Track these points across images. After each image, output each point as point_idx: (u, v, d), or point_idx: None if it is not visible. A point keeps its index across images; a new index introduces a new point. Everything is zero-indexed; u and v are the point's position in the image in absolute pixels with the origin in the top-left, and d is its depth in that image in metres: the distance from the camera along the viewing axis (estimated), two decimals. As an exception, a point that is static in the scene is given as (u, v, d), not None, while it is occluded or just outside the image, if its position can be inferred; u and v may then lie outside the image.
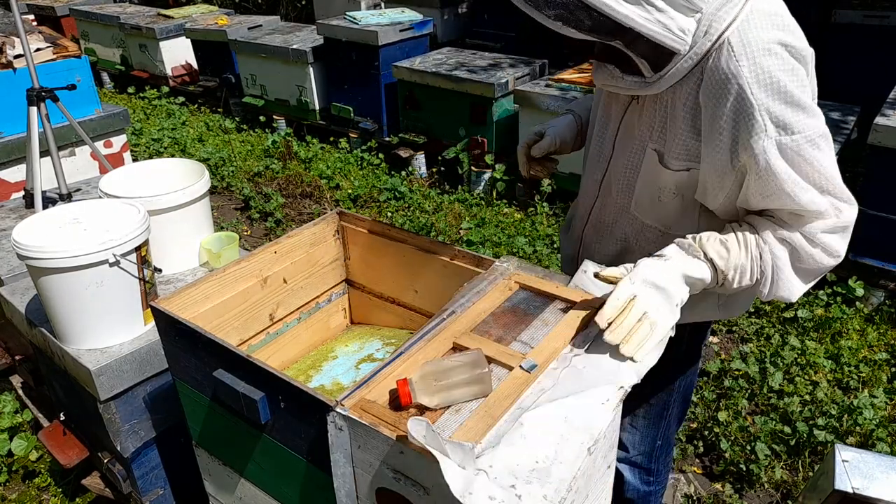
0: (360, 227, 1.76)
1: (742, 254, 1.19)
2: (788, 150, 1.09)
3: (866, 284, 3.05)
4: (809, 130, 1.09)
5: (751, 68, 1.06)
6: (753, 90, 1.06)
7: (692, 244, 1.20)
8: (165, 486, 1.96)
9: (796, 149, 1.09)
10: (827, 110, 3.54)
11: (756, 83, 1.06)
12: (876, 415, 2.36)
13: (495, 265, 1.46)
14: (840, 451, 1.46)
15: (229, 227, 4.06)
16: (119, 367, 1.70)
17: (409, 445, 0.98)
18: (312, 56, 4.95)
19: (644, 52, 1.12)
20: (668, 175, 1.24)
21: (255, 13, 8.13)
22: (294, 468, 1.27)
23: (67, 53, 3.36)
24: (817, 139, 1.10)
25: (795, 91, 1.07)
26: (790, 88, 1.07)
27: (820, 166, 1.12)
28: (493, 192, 4.19)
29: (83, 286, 1.63)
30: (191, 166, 2.15)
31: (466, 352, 1.15)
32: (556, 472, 0.95)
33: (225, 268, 1.55)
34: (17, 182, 3.19)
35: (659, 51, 1.11)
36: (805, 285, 1.24)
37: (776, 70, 1.06)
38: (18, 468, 2.44)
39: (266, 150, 5.12)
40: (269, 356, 1.70)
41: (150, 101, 6.32)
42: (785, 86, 1.06)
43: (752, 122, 1.08)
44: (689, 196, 1.25)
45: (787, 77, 1.07)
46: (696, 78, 1.13)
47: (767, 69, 1.06)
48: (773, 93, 1.07)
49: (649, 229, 1.35)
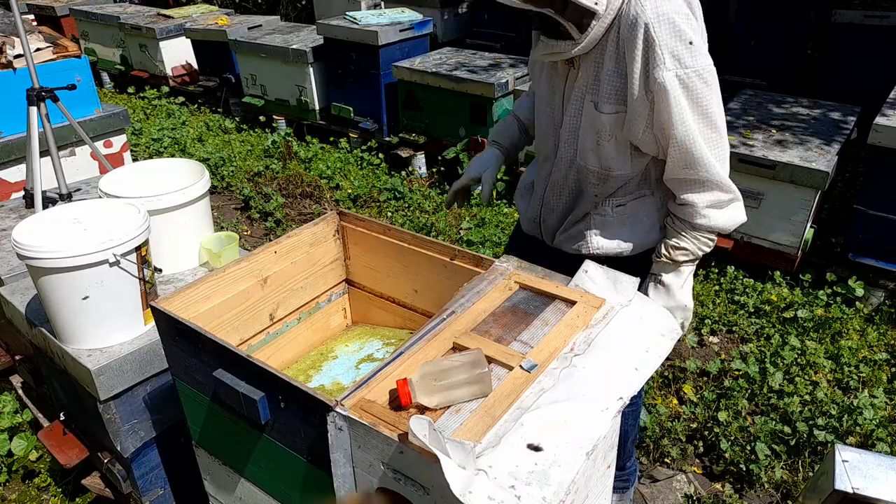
0: (360, 227, 1.76)
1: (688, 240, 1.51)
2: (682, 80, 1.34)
3: (866, 284, 3.05)
4: (699, 66, 1.34)
5: (653, 11, 1.32)
6: (655, 29, 1.32)
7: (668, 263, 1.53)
8: (165, 486, 1.96)
9: (687, 80, 1.34)
10: (827, 110, 3.55)
11: (657, 23, 1.31)
12: (876, 415, 2.36)
13: (495, 265, 1.46)
14: (840, 451, 1.46)
15: (229, 227, 4.06)
16: (119, 367, 1.70)
17: (409, 445, 0.98)
18: (312, 56, 4.95)
19: (571, 16, 1.36)
20: (603, 119, 1.45)
21: (255, 13, 8.13)
22: (294, 468, 1.27)
23: (67, 53, 3.36)
24: (706, 74, 1.35)
25: (688, 31, 1.32)
26: (684, 28, 1.32)
27: (707, 101, 1.37)
28: (494, 192, 4.18)
29: (83, 286, 1.63)
30: (191, 166, 2.15)
31: (466, 352, 1.15)
32: (556, 475, 0.95)
33: (225, 268, 1.55)
34: (17, 182, 3.19)
35: (582, 14, 1.36)
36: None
37: (672, 13, 1.32)
38: (18, 468, 2.44)
39: (266, 150, 5.12)
40: (269, 356, 1.70)
41: (150, 101, 6.32)
42: (679, 26, 1.32)
43: (655, 56, 1.33)
44: (621, 138, 1.47)
45: (681, 20, 1.32)
46: (615, 30, 1.38)
47: (665, 12, 1.31)
48: (671, 32, 1.32)
49: (593, 174, 1.55)
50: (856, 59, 4.86)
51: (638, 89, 1.38)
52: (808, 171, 2.97)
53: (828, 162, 3.00)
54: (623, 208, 1.58)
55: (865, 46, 4.78)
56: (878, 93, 3.46)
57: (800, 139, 3.22)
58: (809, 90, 4.90)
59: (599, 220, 1.60)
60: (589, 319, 1.27)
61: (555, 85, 1.56)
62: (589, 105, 1.47)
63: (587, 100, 1.47)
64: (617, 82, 1.41)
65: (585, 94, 1.48)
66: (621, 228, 1.60)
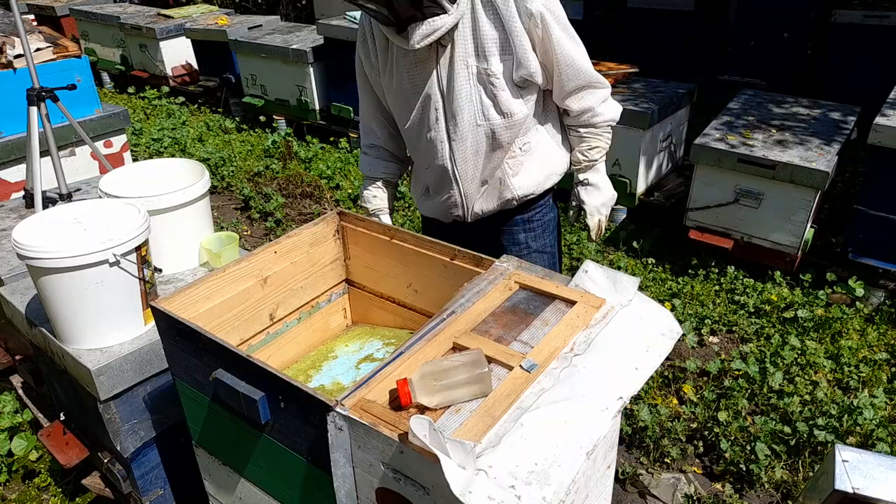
0: (360, 227, 1.76)
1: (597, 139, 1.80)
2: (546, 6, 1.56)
3: (866, 284, 3.05)
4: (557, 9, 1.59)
5: None
6: None
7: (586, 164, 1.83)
8: (165, 486, 1.96)
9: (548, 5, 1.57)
10: (827, 110, 3.55)
11: None
12: (876, 415, 2.36)
13: (495, 265, 1.46)
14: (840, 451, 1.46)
15: (229, 227, 4.06)
16: (119, 367, 1.70)
17: (409, 445, 0.98)
18: (312, 56, 4.95)
19: None
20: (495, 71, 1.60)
21: (255, 13, 8.13)
22: (294, 468, 1.27)
23: (67, 53, 3.36)
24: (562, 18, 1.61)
25: None
26: None
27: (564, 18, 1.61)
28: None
29: (83, 286, 1.63)
30: (191, 166, 2.15)
31: (466, 352, 1.15)
32: (556, 475, 0.95)
33: (225, 268, 1.55)
34: (17, 182, 3.19)
35: None
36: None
37: None
38: (18, 468, 2.44)
39: (266, 150, 5.12)
40: (269, 356, 1.70)
41: (150, 101, 6.32)
42: None
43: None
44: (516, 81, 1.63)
45: None
46: None
47: None
48: None
49: (498, 126, 1.68)
50: (856, 59, 4.86)
51: (519, 29, 1.56)
52: (808, 171, 2.97)
53: (828, 162, 3.00)
54: (529, 144, 1.77)
55: (865, 46, 4.78)
56: (878, 93, 3.46)
57: (800, 139, 3.22)
58: (809, 90, 4.90)
59: (513, 162, 1.78)
60: (589, 319, 1.27)
61: (423, 74, 1.65)
62: (475, 67, 1.61)
63: (471, 64, 1.61)
64: (495, 34, 1.58)
65: (468, 60, 1.60)
66: (533, 163, 1.80)
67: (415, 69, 1.65)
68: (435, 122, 1.70)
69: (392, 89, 1.73)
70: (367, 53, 1.75)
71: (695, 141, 3.28)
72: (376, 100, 1.84)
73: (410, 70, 1.65)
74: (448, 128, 1.70)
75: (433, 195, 1.88)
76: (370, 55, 1.74)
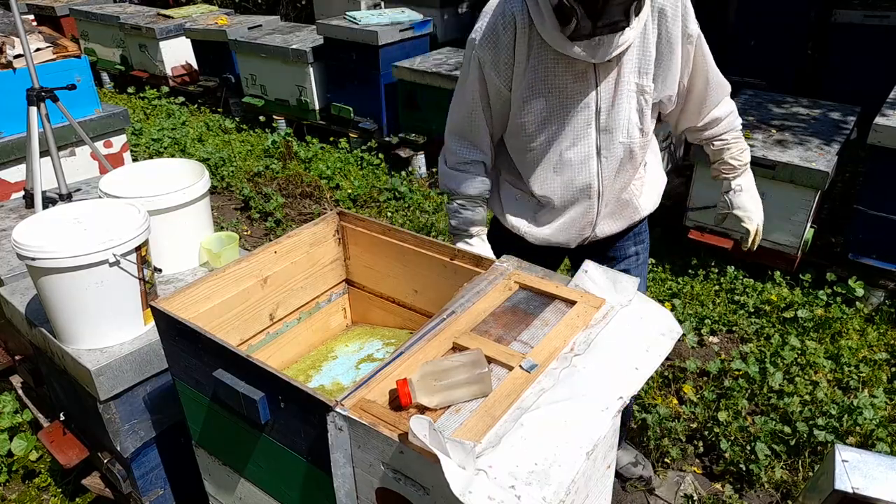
0: (359, 227, 1.76)
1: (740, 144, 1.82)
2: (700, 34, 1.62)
3: (866, 284, 3.05)
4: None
5: None
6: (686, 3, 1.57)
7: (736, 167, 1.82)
8: (165, 486, 1.96)
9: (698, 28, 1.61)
10: (827, 110, 3.55)
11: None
12: (876, 415, 2.36)
13: (495, 265, 1.46)
14: (840, 451, 1.46)
15: (229, 227, 4.06)
16: (119, 367, 1.70)
17: (409, 445, 0.98)
18: (312, 56, 4.94)
19: None
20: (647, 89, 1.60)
21: (255, 13, 8.13)
22: (294, 468, 1.27)
23: (67, 53, 3.36)
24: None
25: None
26: None
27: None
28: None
29: (83, 286, 1.63)
30: (191, 166, 2.15)
31: (466, 352, 1.15)
32: (556, 475, 0.95)
33: (225, 268, 1.55)
34: (17, 182, 3.19)
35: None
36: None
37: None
38: (18, 468, 2.44)
39: (266, 150, 5.12)
40: (269, 356, 1.69)
41: (150, 101, 6.32)
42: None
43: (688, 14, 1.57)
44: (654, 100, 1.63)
45: None
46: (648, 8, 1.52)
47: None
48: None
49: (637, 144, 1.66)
50: (856, 59, 4.86)
51: (677, 49, 1.58)
52: (808, 171, 2.97)
53: (828, 162, 3.00)
54: (647, 164, 1.79)
55: (865, 46, 4.78)
56: (878, 93, 3.46)
57: (800, 139, 3.22)
58: (809, 90, 4.90)
59: (638, 183, 1.78)
60: (589, 319, 1.27)
61: (581, 87, 1.57)
62: (635, 84, 1.59)
63: (632, 80, 1.58)
64: (653, 51, 1.57)
65: (630, 76, 1.58)
66: (651, 183, 1.82)
67: (572, 82, 1.56)
68: (585, 136, 1.62)
69: (528, 102, 1.60)
70: (497, 62, 1.57)
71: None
72: (488, 113, 1.68)
73: (567, 83, 1.56)
74: (599, 143, 1.64)
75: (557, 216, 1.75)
76: (503, 65, 1.57)
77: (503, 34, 1.54)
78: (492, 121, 1.70)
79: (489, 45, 1.57)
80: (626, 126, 1.63)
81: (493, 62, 1.58)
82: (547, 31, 1.49)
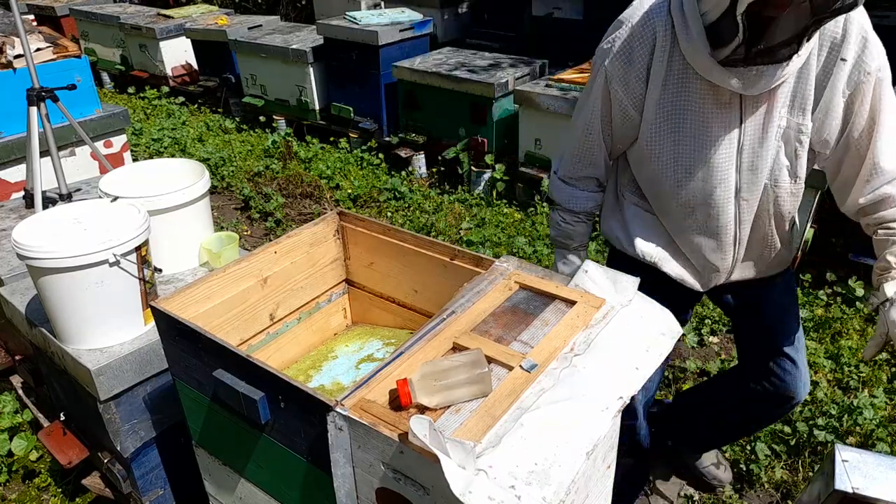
0: (359, 227, 1.76)
1: None
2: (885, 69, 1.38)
3: (866, 284, 3.05)
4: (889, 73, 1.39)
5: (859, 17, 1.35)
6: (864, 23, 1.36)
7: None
8: (165, 486, 1.96)
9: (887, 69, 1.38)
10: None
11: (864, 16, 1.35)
12: (876, 415, 2.36)
13: (495, 265, 1.46)
14: (840, 451, 1.46)
15: (229, 227, 4.06)
16: (119, 367, 1.70)
17: (409, 445, 0.98)
18: (312, 56, 4.95)
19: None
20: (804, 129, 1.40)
21: (255, 13, 8.12)
22: (294, 468, 1.27)
23: (67, 53, 3.36)
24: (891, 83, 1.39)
25: None
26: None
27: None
28: (493, 192, 4.19)
29: (83, 286, 1.63)
30: (191, 166, 2.15)
31: (466, 352, 1.15)
32: (556, 475, 0.95)
33: (225, 268, 1.55)
34: (17, 182, 3.19)
35: None
36: None
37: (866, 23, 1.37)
38: (18, 468, 2.44)
39: (266, 150, 5.12)
40: (269, 356, 1.70)
41: (150, 101, 6.32)
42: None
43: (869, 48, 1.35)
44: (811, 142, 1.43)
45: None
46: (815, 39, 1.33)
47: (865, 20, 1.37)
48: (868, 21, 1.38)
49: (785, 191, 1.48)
50: (856, 59, 4.86)
51: (842, 86, 1.36)
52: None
53: (828, 162, 2.99)
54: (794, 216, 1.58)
55: (865, 46, 4.78)
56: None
57: (800, 139, 3.22)
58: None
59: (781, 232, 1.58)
60: (589, 319, 1.27)
61: (723, 118, 1.39)
62: (786, 120, 1.39)
63: (783, 115, 1.39)
64: (811, 82, 1.37)
65: (782, 111, 1.39)
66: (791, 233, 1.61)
67: (715, 113, 1.39)
68: (724, 175, 1.44)
69: (661, 132, 1.45)
70: (627, 80, 1.43)
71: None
72: (608, 130, 1.54)
73: (708, 114, 1.39)
74: (739, 184, 1.46)
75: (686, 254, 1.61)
76: (634, 84, 1.43)
77: (638, 50, 1.39)
78: (611, 139, 1.55)
79: (621, 59, 1.41)
80: (772, 168, 1.44)
81: (622, 78, 1.43)
82: (692, 53, 1.32)
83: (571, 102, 3.71)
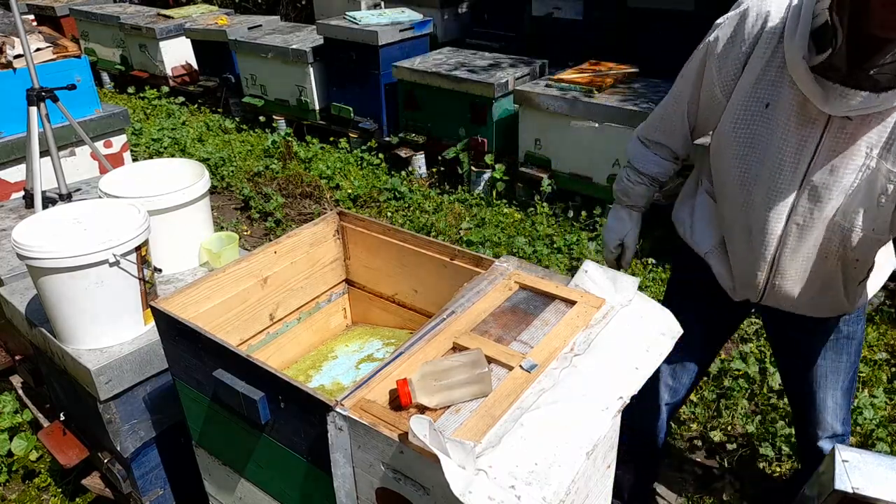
0: (360, 227, 1.76)
1: None
2: None
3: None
4: None
5: None
6: None
7: None
8: (165, 486, 1.96)
9: None
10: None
11: None
12: (876, 415, 2.36)
13: (495, 265, 1.46)
14: (840, 451, 1.46)
15: (229, 227, 4.06)
16: (119, 367, 1.70)
17: (409, 445, 0.98)
18: (312, 56, 4.95)
19: None
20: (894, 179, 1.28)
21: (255, 13, 8.12)
22: (294, 468, 1.27)
23: (67, 53, 3.36)
24: None
25: None
26: None
27: None
28: (493, 192, 4.19)
29: (83, 286, 1.63)
30: (191, 166, 2.15)
31: (466, 352, 1.15)
32: (556, 475, 0.95)
33: (225, 268, 1.55)
34: (17, 182, 3.19)
35: None
36: None
37: None
38: (18, 468, 2.44)
39: (266, 150, 5.12)
40: (269, 356, 1.70)
41: (150, 101, 6.32)
42: None
43: None
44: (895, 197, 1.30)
45: None
46: None
47: None
48: None
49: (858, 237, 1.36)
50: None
51: None
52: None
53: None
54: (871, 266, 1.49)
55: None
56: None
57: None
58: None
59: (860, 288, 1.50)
60: (589, 319, 1.27)
61: (802, 133, 1.32)
62: (876, 161, 1.28)
63: (874, 155, 1.28)
64: None
65: (872, 150, 1.28)
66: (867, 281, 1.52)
67: (795, 124, 1.32)
68: (782, 190, 1.37)
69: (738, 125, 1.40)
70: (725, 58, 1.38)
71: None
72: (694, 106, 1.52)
73: (790, 121, 1.32)
74: (796, 207, 1.37)
75: (729, 254, 1.57)
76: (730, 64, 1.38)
77: (746, 33, 1.34)
78: (695, 118, 1.53)
79: (726, 37, 1.37)
80: (844, 207, 1.34)
81: (721, 56, 1.39)
82: (792, 49, 1.26)
83: (571, 102, 3.71)
